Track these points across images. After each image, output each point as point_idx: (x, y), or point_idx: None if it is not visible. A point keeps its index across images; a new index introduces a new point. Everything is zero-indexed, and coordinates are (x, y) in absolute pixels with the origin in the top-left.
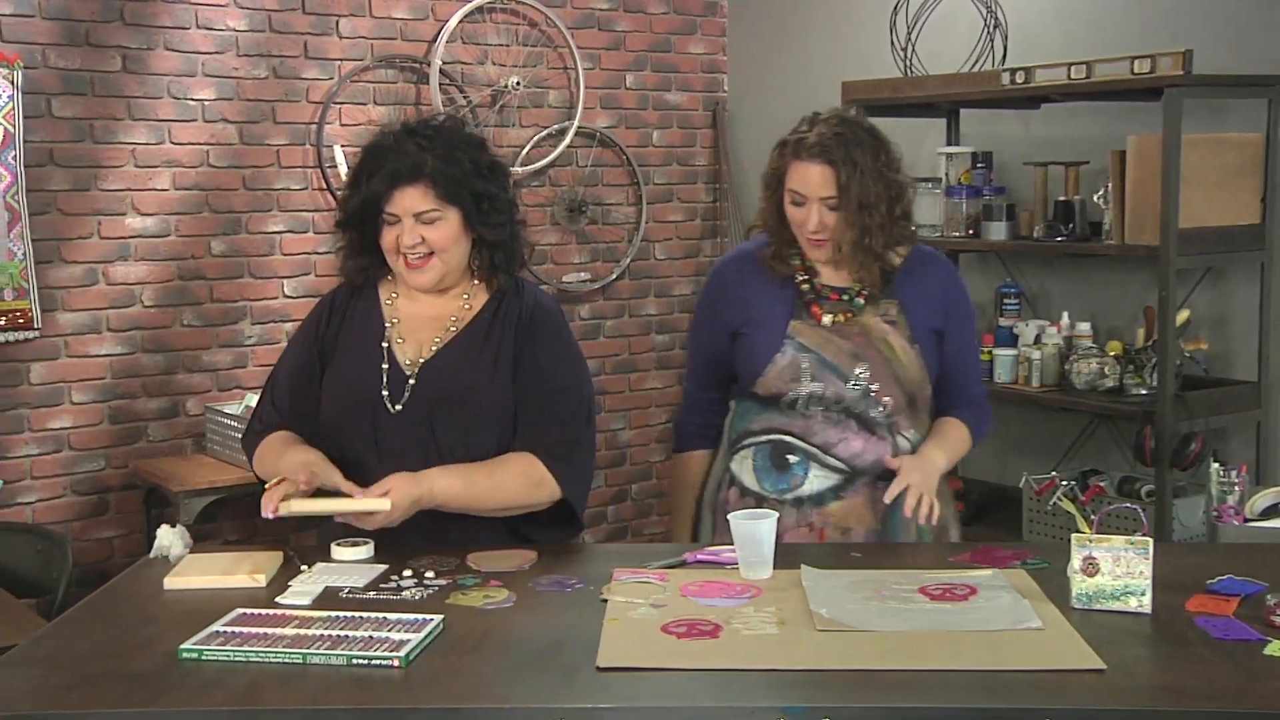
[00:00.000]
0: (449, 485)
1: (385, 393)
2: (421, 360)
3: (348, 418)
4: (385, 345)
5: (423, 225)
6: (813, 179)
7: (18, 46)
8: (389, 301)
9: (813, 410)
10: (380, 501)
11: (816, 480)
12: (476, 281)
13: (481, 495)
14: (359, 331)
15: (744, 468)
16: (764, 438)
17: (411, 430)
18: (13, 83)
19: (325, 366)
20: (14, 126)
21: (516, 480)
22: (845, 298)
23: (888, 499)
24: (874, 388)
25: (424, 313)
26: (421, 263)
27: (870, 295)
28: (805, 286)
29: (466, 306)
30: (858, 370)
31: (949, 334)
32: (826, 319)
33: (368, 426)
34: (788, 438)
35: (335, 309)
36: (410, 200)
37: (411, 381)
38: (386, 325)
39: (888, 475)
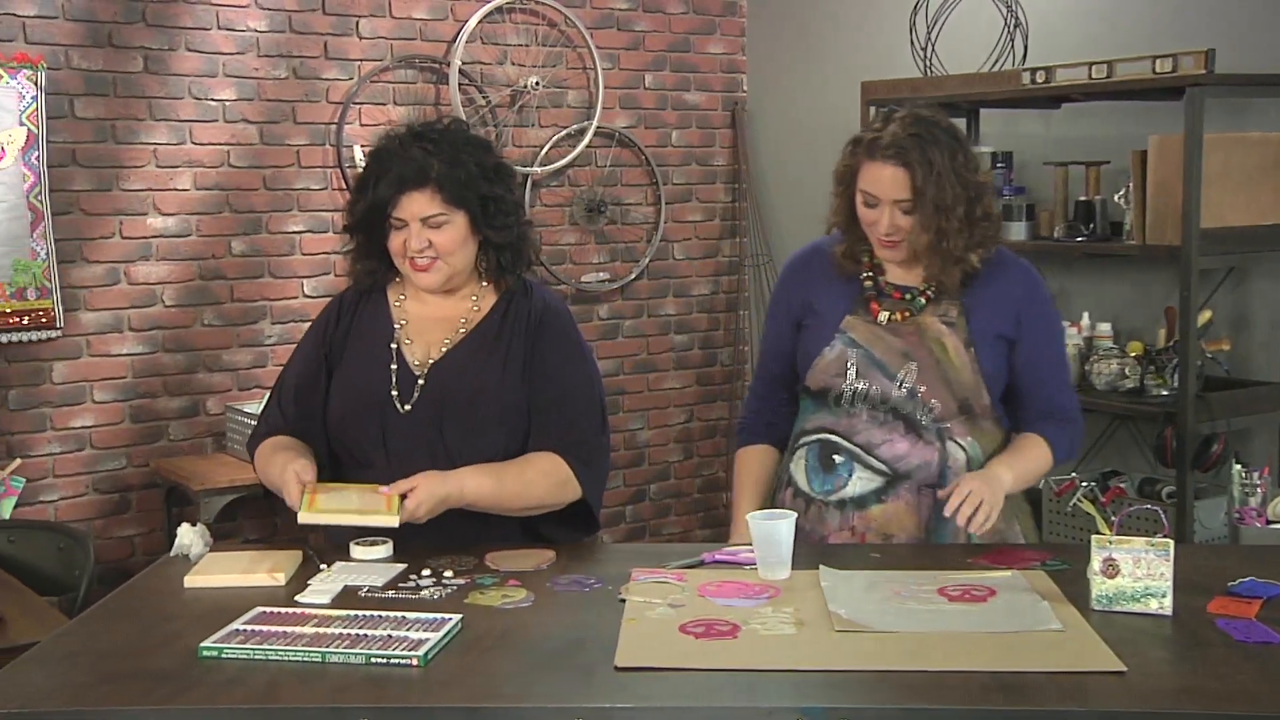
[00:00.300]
0: (480, 484)
1: (394, 393)
2: (430, 361)
3: (356, 419)
4: (394, 346)
5: (429, 229)
6: (885, 181)
7: (41, 48)
8: (397, 304)
9: (858, 409)
10: (388, 519)
11: (860, 482)
12: (485, 283)
13: (512, 495)
14: (367, 333)
15: (798, 468)
16: (814, 436)
17: (420, 431)
18: (36, 84)
19: (333, 368)
20: (37, 127)
21: (544, 480)
22: (908, 297)
23: (941, 496)
24: (921, 389)
25: (432, 314)
26: (428, 265)
27: (933, 296)
28: (869, 283)
29: (475, 308)
30: (906, 370)
31: (1021, 342)
32: (883, 316)
33: (376, 427)
34: (834, 437)
35: (344, 311)
36: (417, 205)
37: (420, 382)
38: (395, 326)
39: (936, 483)
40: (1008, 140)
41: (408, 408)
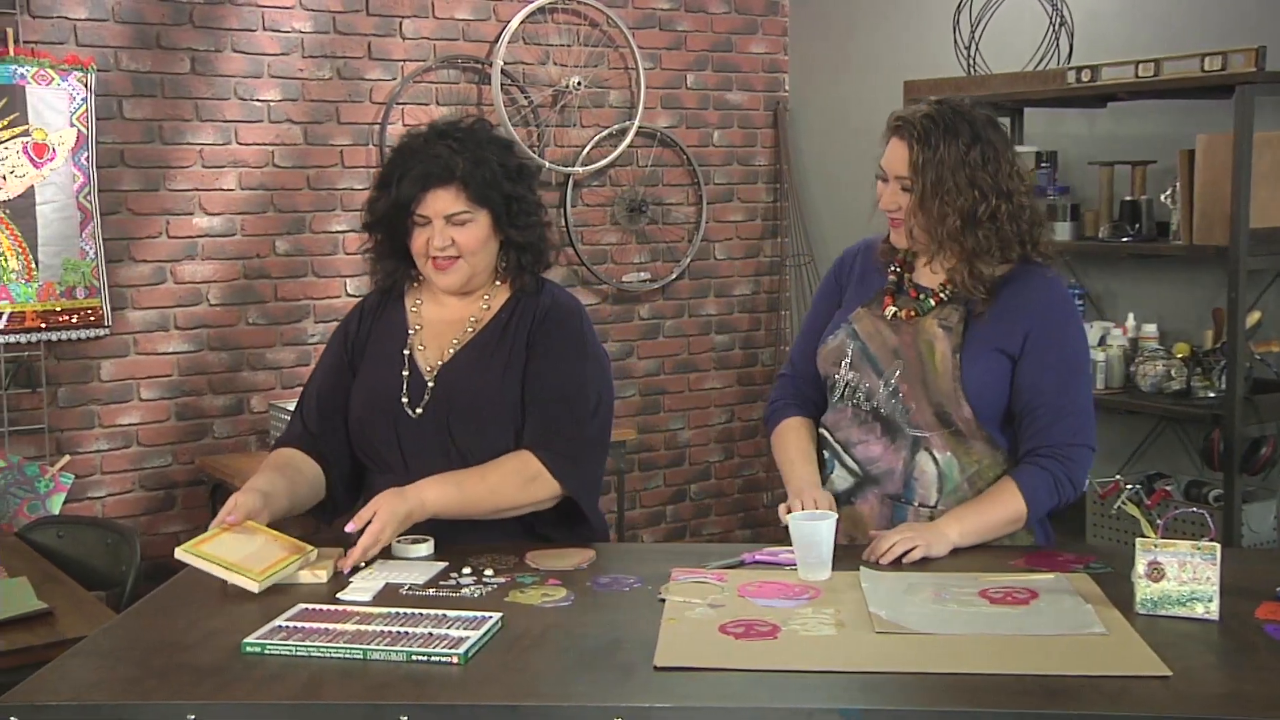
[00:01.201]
0: (441, 494)
1: (405, 399)
2: (439, 364)
3: (373, 424)
4: (407, 352)
5: (453, 227)
6: (891, 154)
7: (91, 50)
8: (414, 308)
9: (847, 403)
10: (249, 582)
11: (838, 480)
12: (498, 283)
13: (477, 500)
14: (384, 338)
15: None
16: (819, 429)
17: (431, 434)
18: (86, 85)
19: (356, 372)
20: (87, 128)
21: (510, 479)
22: (921, 297)
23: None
24: (903, 389)
25: (446, 316)
26: (448, 264)
27: (945, 299)
28: (893, 278)
29: (485, 308)
30: (893, 367)
31: (1023, 361)
32: (889, 311)
33: (391, 432)
34: (824, 432)
35: (364, 317)
36: (441, 203)
37: (430, 385)
38: (410, 331)
39: (899, 494)
40: (1052, 140)
41: (419, 411)
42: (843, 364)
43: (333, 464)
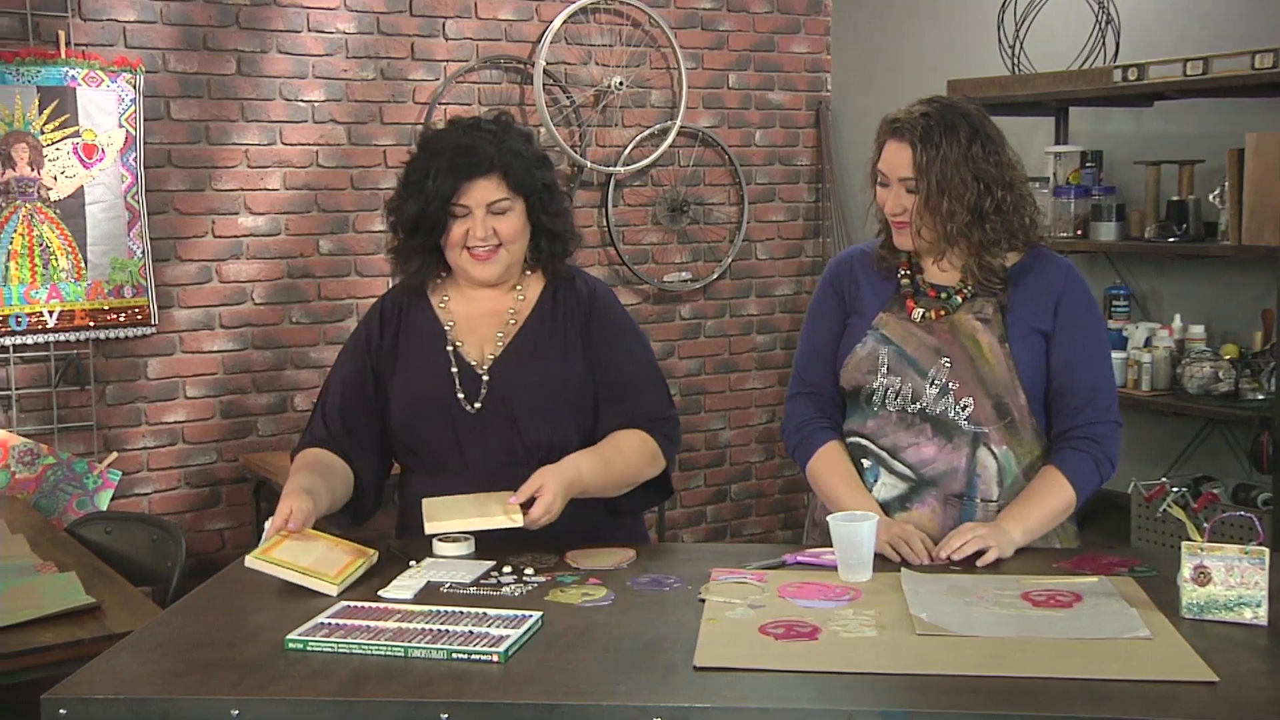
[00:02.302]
0: (593, 469)
1: (460, 395)
2: (490, 357)
3: (426, 425)
4: (451, 348)
5: (493, 216)
6: (891, 157)
7: (140, 51)
8: (442, 305)
9: (888, 409)
10: (328, 586)
11: (884, 488)
12: (527, 273)
13: (618, 475)
14: (418, 339)
15: None
16: (849, 439)
17: (493, 428)
18: (135, 87)
19: (381, 377)
20: (135, 129)
21: (640, 456)
22: (943, 295)
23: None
24: (954, 386)
25: (480, 311)
26: (488, 254)
27: (969, 295)
28: (905, 281)
29: (521, 298)
30: (938, 366)
31: (1056, 335)
32: (917, 313)
33: (448, 431)
34: (862, 440)
35: (386, 320)
36: (482, 192)
37: (485, 379)
38: (445, 328)
39: (963, 493)
40: (1098, 139)
41: (477, 406)
42: (878, 370)
43: (358, 468)
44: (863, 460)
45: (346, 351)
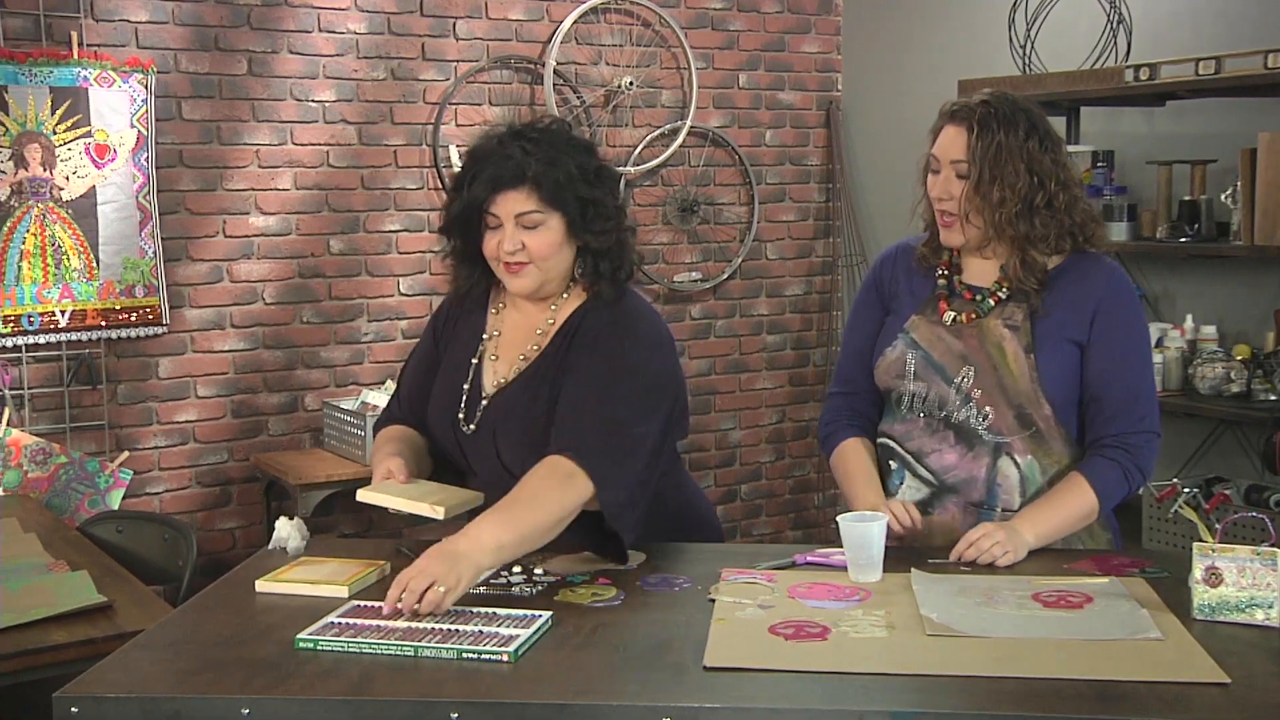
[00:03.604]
0: (498, 539)
1: (461, 415)
2: (503, 380)
3: (439, 430)
4: (475, 361)
5: (524, 230)
6: (946, 142)
7: (152, 52)
8: (495, 312)
9: (916, 414)
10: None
11: (909, 491)
12: (566, 295)
13: (532, 525)
14: (457, 341)
15: None
16: (880, 440)
17: (485, 452)
18: (147, 87)
19: (436, 366)
20: (147, 129)
21: (547, 483)
22: (978, 298)
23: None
24: (976, 394)
25: (523, 322)
26: (519, 267)
27: (1004, 298)
28: (942, 281)
29: (551, 321)
30: (963, 374)
31: (1092, 346)
32: (948, 316)
33: (453, 442)
34: (890, 442)
35: (452, 312)
36: (512, 204)
37: (484, 404)
38: (484, 338)
39: (983, 502)
40: (1109, 139)
41: (471, 428)
42: (906, 376)
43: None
44: (890, 462)
45: (425, 335)
